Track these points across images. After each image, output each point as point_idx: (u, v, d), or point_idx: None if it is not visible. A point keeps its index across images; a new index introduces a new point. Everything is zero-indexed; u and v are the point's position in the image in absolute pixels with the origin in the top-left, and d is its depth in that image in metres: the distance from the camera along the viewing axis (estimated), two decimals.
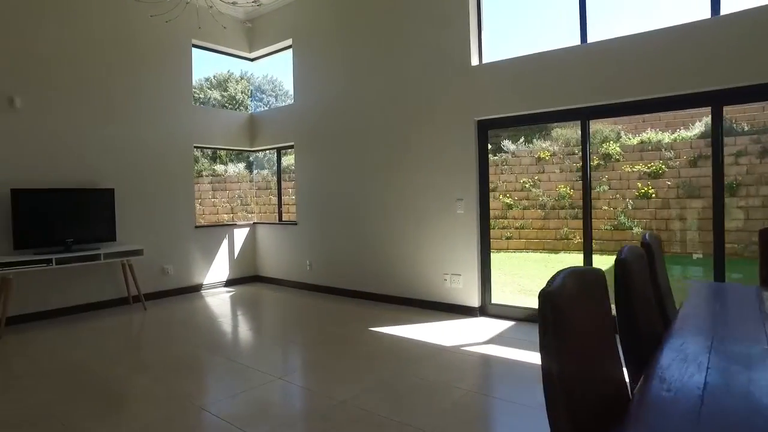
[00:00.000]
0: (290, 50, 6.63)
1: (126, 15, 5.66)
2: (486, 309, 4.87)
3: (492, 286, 4.90)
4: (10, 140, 4.83)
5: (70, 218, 5.07)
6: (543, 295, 1.15)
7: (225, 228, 6.82)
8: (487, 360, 3.64)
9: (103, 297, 5.50)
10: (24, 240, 4.76)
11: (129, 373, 3.50)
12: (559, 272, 1.27)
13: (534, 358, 3.57)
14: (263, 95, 11.36)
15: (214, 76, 12.23)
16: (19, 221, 4.72)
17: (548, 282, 1.20)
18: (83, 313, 5.27)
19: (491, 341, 4.04)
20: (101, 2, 5.47)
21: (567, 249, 9.45)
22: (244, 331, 4.61)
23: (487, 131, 4.90)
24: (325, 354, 3.82)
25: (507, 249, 9.81)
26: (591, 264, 4.29)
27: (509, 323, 4.57)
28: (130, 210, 5.70)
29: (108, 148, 5.52)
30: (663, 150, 8.46)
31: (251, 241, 7.10)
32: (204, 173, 10.47)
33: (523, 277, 7.46)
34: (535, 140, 11.71)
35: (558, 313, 1.13)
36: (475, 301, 4.85)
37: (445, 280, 5.03)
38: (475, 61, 4.85)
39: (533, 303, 5.64)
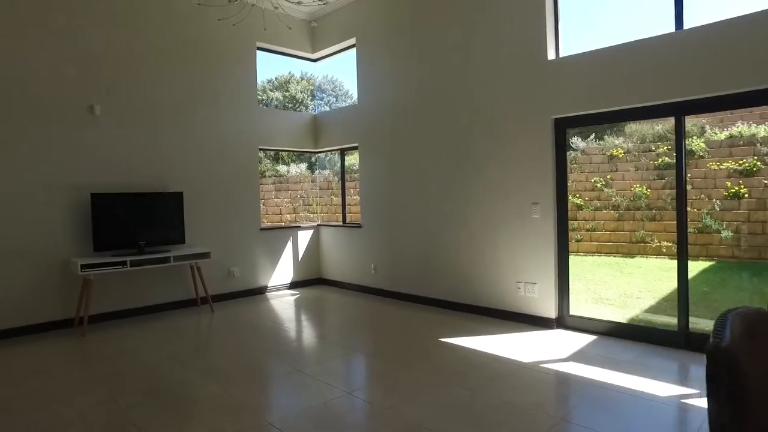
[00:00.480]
0: (353, 50, 6.53)
1: (194, 21, 5.74)
2: (563, 321, 4.54)
3: (570, 297, 4.56)
4: (91, 146, 5.01)
5: (142, 221, 5.20)
6: (713, 353, 0.90)
7: (289, 230, 6.82)
8: (570, 381, 3.33)
9: (173, 298, 5.62)
10: (102, 242, 4.92)
11: (199, 378, 3.48)
12: (721, 318, 1.01)
13: (623, 380, 3.24)
14: (323, 95, 11.39)
15: (276, 78, 12.43)
16: (98, 224, 4.88)
17: (714, 332, 0.95)
18: (155, 314, 5.41)
19: (572, 358, 3.72)
20: (171, 10, 5.58)
21: (644, 253, 8.82)
22: (310, 337, 4.54)
23: (565, 130, 4.55)
24: (393, 366, 3.66)
25: (577, 252, 9.29)
26: (686, 273, 3.87)
27: (589, 337, 4.21)
28: (198, 213, 5.80)
29: (177, 152, 5.64)
30: (758, 145, 7.67)
31: (315, 243, 7.07)
32: (267, 173, 10.62)
33: (598, 283, 6.99)
34: (606, 137, 11.05)
35: (733, 373, 0.89)
36: (551, 312, 4.53)
37: (519, 288, 4.74)
38: (551, 55, 4.52)
39: (614, 315, 5.26)
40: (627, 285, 6.75)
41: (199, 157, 5.82)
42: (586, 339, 4.18)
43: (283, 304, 5.90)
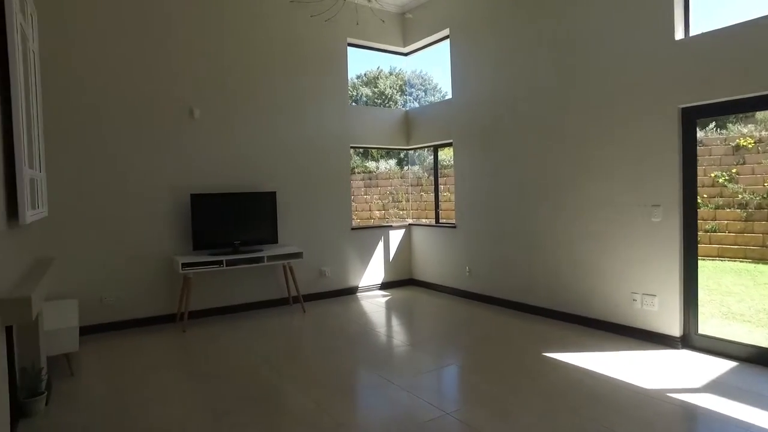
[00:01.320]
0: (446, 41, 6.22)
1: (285, 20, 5.76)
2: (690, 340, 3.95)
3: (699, 312, 3.96)
4: (191, 148, 5.19)
5: (237, 221, 5.31)
6: None
7: (380, 229, 6.70)
8: (710, 419, 2.83)
9: (266, 296, 5.71)
10: (200, 241, 5.08)
11: (291, 386, 3.41)
12: None
13: None
14: (412, 90, 11.19)
15: (365, 73, 12.42)
16: (197, 224, 5.05)
17: None
18: (248, 311, 5.52)
19: (707, 389, 3.19)
20: (261, 10, 5.63)
21: None
22: (402, 345, 4.35)
23: (695, 121, 3.93)
24: (495, 384, 3.36)
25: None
26: None
27: (725, 363, 3.61)
28: (290, 212, 5.84)
29: (271, 152, 5.70)
30: None
31: (406, 243, 6.89)
32: (356, 170, 10.63)
33: (725, 294, 6.12)
34: (730, 125, 9.77)
35: None
36: (674, 329, 3.97)
37: (635, 300, 4.21)
38: (679, 35, 3.92)
39: (753, 336, 4.48)
40: (763, 298, 5.83)
41: (292, 157, 5.85)
42: (721, 365, 3.59)
43: (374, 305, 5.78)
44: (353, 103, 10.97)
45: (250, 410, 3.06)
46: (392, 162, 10.31)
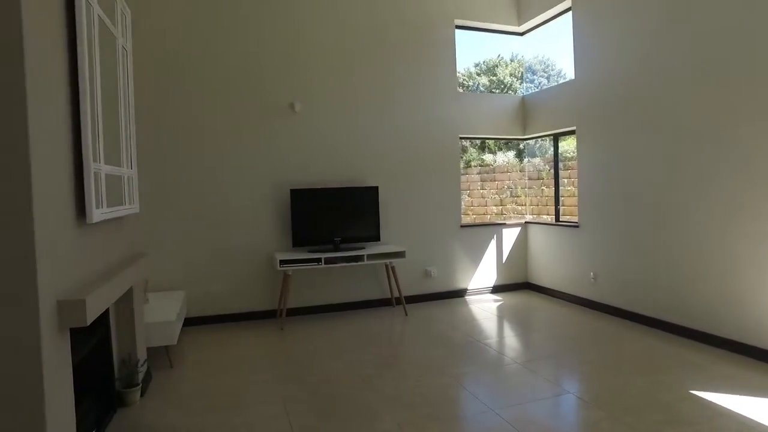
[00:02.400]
0: (568, 15, 5.41)
1: (392, 5, 5.43)
2: None
3: None
4: (291, 143, 5.12)
5: (338, 217, 5.13)
6: None
7: (493, 227, 6.11)
8: None
9: (367, 296, 5.47)
10: (300, 238, 4.99)
11: (379, 404, 3.06)
12: None
13: None
14: (534, 76, 10.22)
15: (483, 62, 11.68)
16: (296, 220, 4.97)
17: None
18: (349, 311, 5.32)
19: None
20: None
21: None
22: (512, 362, 3.78)
23: None
24: (624, 426, 2.68)
25: None
26: None
27: None
28: (394, 208, 5.52)
29: (372, 145, 5.43)
30: None
31: (522, 243, 6.21)
32: (472, 163, 10.03)
33: None
34: None
35: None
36: None
37: None
38: None
39: None
40: None
41: (396, 149, 5.52)
42: None
43: (484, 311, 5.24)
44: (463, 90, 10.31)
45: (326, 426, 2.78)
46: (510, 154, 9.53)
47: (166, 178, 4.72)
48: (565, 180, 6.48)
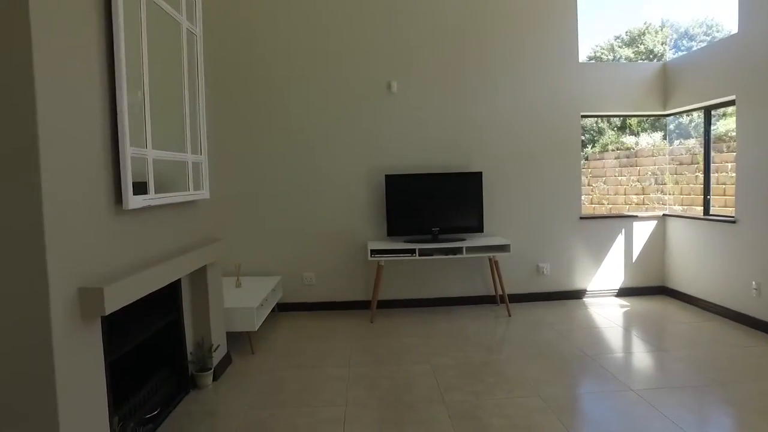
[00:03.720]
0: None
1: None
2: None
3: None
4: (387, 125, 4.83)
5: (437, 206, 4.73)
6: None
7: (620, 220, 5.18)
8: None
9: (468, 292, 5.00)
10: (395, 227, 4.70)
11: (454, 422, 2.68)
12: None
13: None
14: (692, 42, 8.50)
15: (627, 32, 10.07)
16: (391, 208, 4.69)
17: None
18: (446, 307, 4.91)
19: None
20: None
21: None
22: (634, 393, 3.06)
23: None
24: None
25: None
26: None
27: None
28: (500, 196, 4.95)
29: (477, 126, 4.90)
30: None
31: (658, 239, 5.19)
32: (610, 147, 8.80)
33: None
34: None
35: None
36: None
37: None
38: None
39: None
40: None
41: (503, 131, 4.93)
42: None
43: (605, 318, 4.45)
44: (590, 60, 9.01)
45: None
46: (657, 136, 8.12)
47: (261, 163, 4.77)
48: (729, 165, 5.23)
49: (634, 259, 5.15)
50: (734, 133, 4.72)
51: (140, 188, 2.25)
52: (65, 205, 1.81)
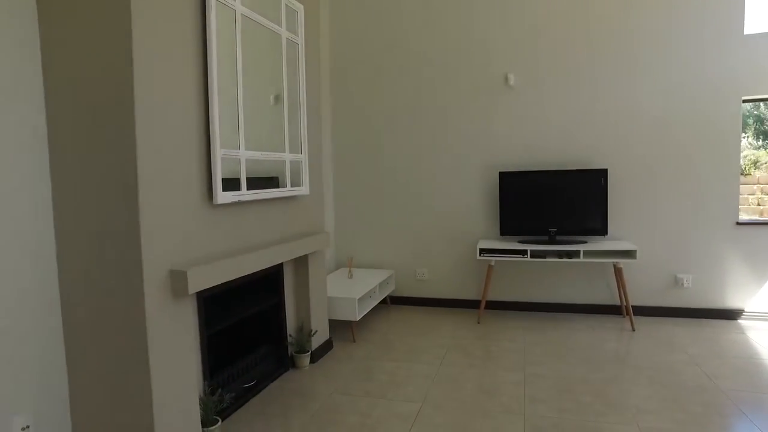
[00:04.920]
0: None
1: None
2: None
3: None
4: (503, 120, 4.63)
5: (554, 205, 4.40)
6: None
7: None
8: None
9: (587, 300, 4.56)
10: (508, 226, 4.50)
11: None
12: None
13: None
14: None
15: None
16: (505, 206, 4.50)
17: None
18: (561, 314, 4.55)
19: None
20: None
21: None
22: None
23: None
24: None
25: None
26: None
27: None
28: (629, 196, 4.41)
29: (603, 118, 4.41)
30: None
31: None
32: None
33: None
34: None
35: None
36: None
37: None
38: None
39: None
40: None
41: (637, 121, 4.36)
42: None
43: (765, 348, 3.69)
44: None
45: None
46: None
47: (380, 159, 4.96)
48: None
49: None
50: None
51: (250, 183, 2.68)
52: (159, 200, 2.15)
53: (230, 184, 2.56)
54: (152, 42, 2.10)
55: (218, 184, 2.44)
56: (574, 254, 4.12)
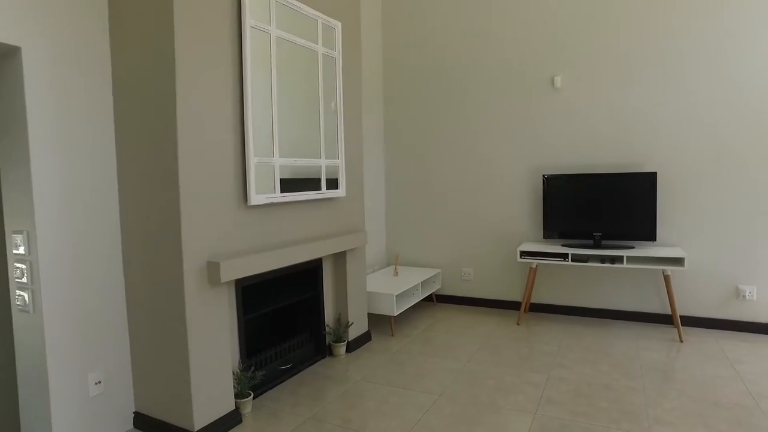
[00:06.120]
0: None
1: None
2: None
3: None
4: (549, 122, 4.60)
5: (599, 209, 4.31)
6: None
7: None
8: None
9: (635, 307, 4.40)
10: (551, 229, 4.48)
11: None
12: None
13: None
14: None
15: None
16: (549, 209, 4.48)
17: None
18: (605, 319, 4.44)
19: None
20: None
21: None
22: None
23: None
24: None
25: None
26: None
27: None
28: (682, 201, 4.20)
29: (655, 121, 4.24)
30: None
31: None
32: None
33: None
34: None
35: None
36: None
37: None
38: None
39: None
40: None
41: (688, 123, 4.14)
42: None
43: None
44: None
45: None
46: None
47: (427, 160, 5.13)
48: None
49: None
50: None
51: (289, 185, 3.05)
52: (198, 203, 2.53)
53: (264, 186, 2.91)
54: (193, 66, 2.48)
55: (252, 188, 2.79)
56: (617, 259, 4.03)
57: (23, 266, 2.34)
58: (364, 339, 4.02)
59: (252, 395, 2.91)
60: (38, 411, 2.41)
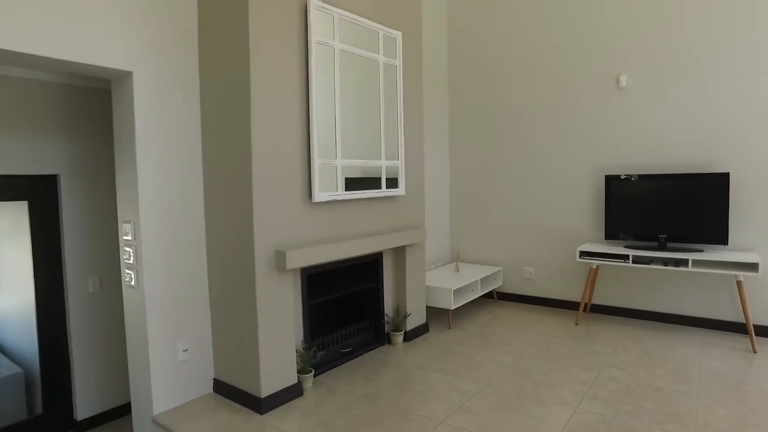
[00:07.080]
0: None
1: None
2: None
3: None
4: (613, 122, 4.54)
5: (665, 210, 4.20)
6: None
7: None
8: None
9: (704, 313, 4.23)
10: (613, 230, 4.43)
11: None
12: None
13: None
14: None
15: None
16: (611, 210, 4.43)
17: None
18: (670, 324, 4.31)
19: None
20: None
21: None
22: None
23: None
24: None
25: None
26: None
27: None
28: (757, 203, 3.98)
29: (727, 119, 4.04)
30: None
31: None
32: None
33: None
34: None
35: None
36: None
37: None
38: None
39: None
40: None
41: (763, 122, 3.92)
42: None
43: None
44: None
45: None
46: None
47: (491, 159, 5.24)
48: None
49: None
50: None
51: (352, 184, 3.39)
52: (268, 198, 2.91)
53: (327, 185, 3.24)
54: (265, 80, 2.87)
55: (316, 186, 3.13)
56: (682, 262, 3.93)
57: (131, 250, 2.85)
58: (421, 330, 4.26)
59: (313, 372, 3.26)
60: (141, 367, 2.93)
